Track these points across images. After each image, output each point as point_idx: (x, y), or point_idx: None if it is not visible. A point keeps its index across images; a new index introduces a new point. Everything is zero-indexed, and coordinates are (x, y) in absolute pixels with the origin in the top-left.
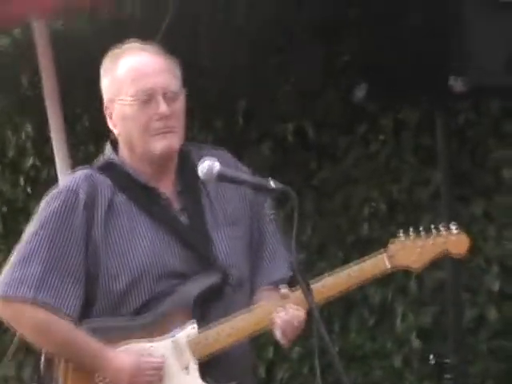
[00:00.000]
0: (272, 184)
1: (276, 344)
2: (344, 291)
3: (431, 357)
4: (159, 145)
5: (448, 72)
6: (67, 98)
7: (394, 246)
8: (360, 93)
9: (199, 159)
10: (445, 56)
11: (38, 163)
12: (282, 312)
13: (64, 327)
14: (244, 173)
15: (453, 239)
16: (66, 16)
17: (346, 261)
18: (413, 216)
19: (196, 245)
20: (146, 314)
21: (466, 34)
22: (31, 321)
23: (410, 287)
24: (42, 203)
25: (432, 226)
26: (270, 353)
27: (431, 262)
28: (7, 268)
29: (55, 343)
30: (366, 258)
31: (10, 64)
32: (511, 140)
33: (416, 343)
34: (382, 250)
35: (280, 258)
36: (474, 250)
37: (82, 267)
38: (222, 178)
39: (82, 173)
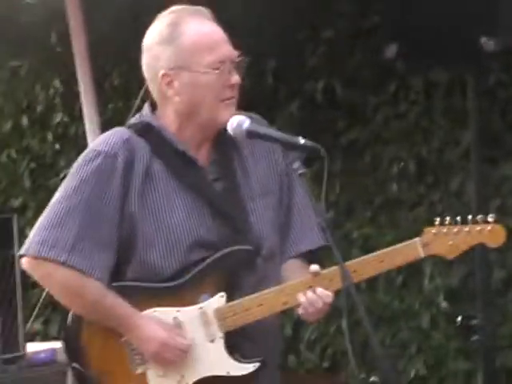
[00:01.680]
0: (302, 142)
1: None
2: (375, 275)
3: (459, 318)
4: (227, 113)
5: (479, 32)
6: (96, 55)
7: (428, 234)
8: (390, 52)
9: None
10: (476, 16)
11: (66, 119)
12: (308, 291)
13: (94, 289)
14: (275, 131)
15: (489, 230)
16: None
17: (373, 221)
18: (442, 176)
19: (230, 216)
20: (176, 281)
21: None
22: (62, 281)
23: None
24: (78, 162)
25: (469, 217)
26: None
27: (465, 252)
28: (40, 225)
29: (84, 304)
30: (399, 245)
31: (40, 21)
32: None
33: (444, 304)
34: (417, 237)
35: (308, 228)
36: (503, 210)
37: (115, 233)
38: (251, 134)
39: (120, 135)
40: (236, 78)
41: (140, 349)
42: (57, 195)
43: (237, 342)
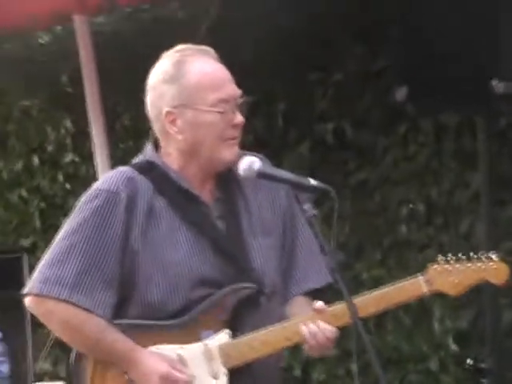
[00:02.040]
0: (312, 182)
1: None
2: (377, 313)
3: (468, 361)
4: (229, 153)
5: (490, 75)
6: (107, 95)
7: (432, 271)
8: (400, 95)
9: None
10: (486, 58)
11: (77, 159)
12: (310, 324)
13: (95, 325)
14: (286, 173)
15: (493, 267)
16: (107, 13)
17: (383, 262)
18: (452, 219)
19: (233, 254)
20: (179, 318)
21: (505, 37)
22: (63, 317)
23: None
24: (81, 201)
25: (472, 254)
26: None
27: (469, 289)
28: (43, 264)
29: (85, 341)
30: (403, 280)
31: (51, 60)
32: None
33: (453, 347)
34: (419, 273)
35: (313, 267)
36: None
37: (117, 271)
38: (261, 175)
39: (122, 173)
40: (239, 118)
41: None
42: (60, 234)
43: (240, 379)
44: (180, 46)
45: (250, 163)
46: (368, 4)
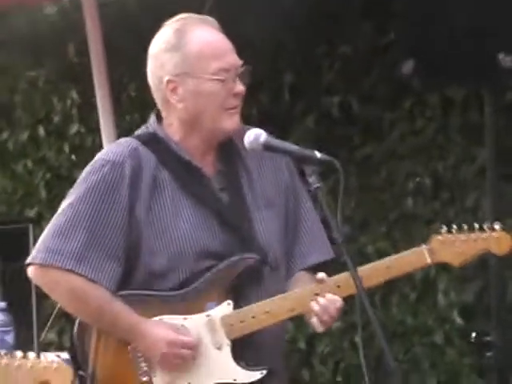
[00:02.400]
0: (318, 155)
1: None
2: (381, 282)
3: (473, 334)
4: (230, 122)
5: (496, 48)
6: (114, 66)
7: (435, 241)
8: (406, 69)
9: (240, 138)
10: (493, 32)
11: (82, 130)
12: (319, 297)
13: (100, 296)
14: (291, 145)
15: (495, 237)
16: None
17: (388, 236)
18: (458, 193)
19: (236, 226)
20: (183, 289)
21: None
22: (68, 287)
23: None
24: (85, 172)
25: (476, 224)
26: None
27: (472, 259)
28: (46, 234)
29: (90, 311)
30: (407, 251)
31: (57, 32)
32: None
33: (458, 320)
34: (423, 244)
35: (316, 241)
36: None
37: (122, 242)
38: (268, 146)
39: (127, 145)
40: (240, 87)
41: (147, 354)
42: (64, 204)
43: (244, 350)
44: (181, 15)
45: (256, 135)
46: None
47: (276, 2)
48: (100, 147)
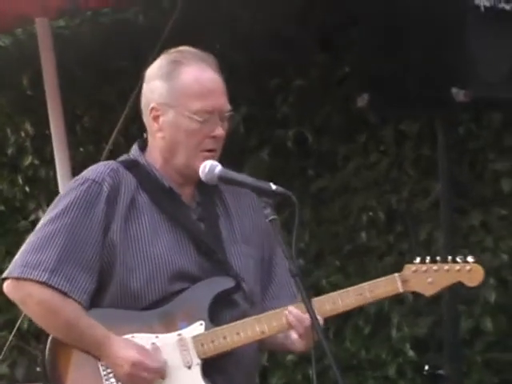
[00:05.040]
0: (274, 188)
1: (270, 350)
2: (352, 309)
3: (426, 367)
4: (199, 164)
5: (450, 83)
6: (68, 98)
7: (408, 271)
8: (361, 102)
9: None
10: (447, 67)
11: (36, 162)
12: (294, 309)
13: (72, 309)
14: (247, 177)
15: (467, 269)
16: (68, 16)
17: (342, 269)
18: (411, 226)
19: (213, 252)
20: (156, 308)
21: (469, 45)
22: (41, 299)
23: (406, 297)
24: (65, 189)
25: (449, 257)
26: (264, 359)
27: (443, 290)
28: (24, 249)
29: (60, 325)
30: (379, 279)
31: (12, 63)
32: (511, 153)
33: (411, 353)
34: (396, 273)
35: (287, 284)
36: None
37: (97, 257)
38: (223, 178)
39: (108, 166)
40: (220, 131)
41: (114, 371)
42: (42, 220)
43: (213, 370)
44: (183, 47)
45: (211, 167)
46: (329, 9)
47: (232, 31)
48: (54, 179)
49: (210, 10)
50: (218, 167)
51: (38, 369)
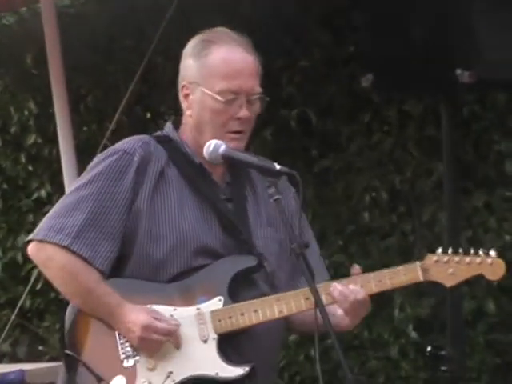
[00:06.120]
0: (278, 167)
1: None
2: (371, 296)
3: (428, 348)
4: (231, 146)
5: (455, 64)
6: (72, 77)
7: (429, 260)
8: (366, 82)
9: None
10: (452, 48)
11: (40, 141)
12: (338, 285)
13: (91, 275)
14: (251, 156)
15: (489, 263)
16: None
17: (345, 249)
18: (414, 207)
19: (238, 231)
20: (177, 281)
21: (474, 26)
22: (61, 262)
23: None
24: (96, 158)
25: (471, 249)
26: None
27: (464, 282)
28: (51, 214)
29: (78, 290)
30: (400, 267)
31: (16, 41)
32: None
33: (413, 334)
34: (418, 261)
35: (317, 268)
36: (474, 241)
37: (121, 227)
38: (227, 157)
39: (140, 138)
40: (244, 113)
41: (128, 338)
42: (72, 186)
43: (230, 346)
44: (220, 28)
45: (215, 146)
46: None
47: (234, 13)
48: (57, 158)
49: None
50: (223, 146)
51: (40, 347)
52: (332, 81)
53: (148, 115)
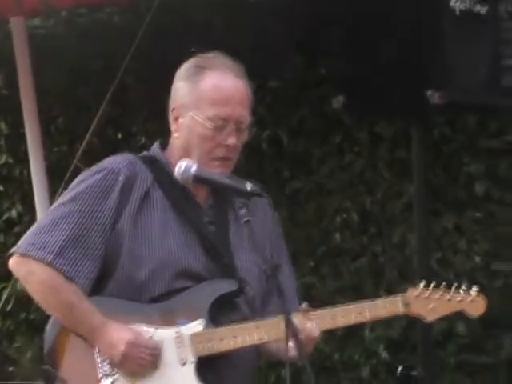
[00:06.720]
0: (249, 187)
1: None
2: (351, 325)
3: (399, 369)
4: (214, 171)
5: (425, 86)
6: (43, 98)
7: (410, 294)
8: (337, 104)
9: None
10: (422, 70)
11: (10, 161)
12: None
13: (72, 291)
14: (223, 177)
15: (470, 300)
16: (44, 16)
17: (316, 270)
18: (385, 228)
19: (220, 254)
20: (158, 303)
21: (445, 48)
22: (42, 276)
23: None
24: (82, 175)
25: (454, 284)
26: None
27: (444, 317)
28: (34, 229)
29: (60, 303)
30: (380, 299)
31: None
32: (485, 156)
33: (384, 354)
34: (400, 294)
35: (292, 294)
36: (444, 263)
37: (103, 247)
38: (198, 178)
39: (126, 158)
40: (232, 141)
41: (109, 355)
42: (56, 202)
43: (208, 370)
44: (213, 53)
45: (186, 166)
46: (306, 10)
47: (207, 35)
48: (28, 178)
49: (185, 15)
50: (194, 167)
51: (10, 368)
52: (303, 102)
53: (119, 136)
